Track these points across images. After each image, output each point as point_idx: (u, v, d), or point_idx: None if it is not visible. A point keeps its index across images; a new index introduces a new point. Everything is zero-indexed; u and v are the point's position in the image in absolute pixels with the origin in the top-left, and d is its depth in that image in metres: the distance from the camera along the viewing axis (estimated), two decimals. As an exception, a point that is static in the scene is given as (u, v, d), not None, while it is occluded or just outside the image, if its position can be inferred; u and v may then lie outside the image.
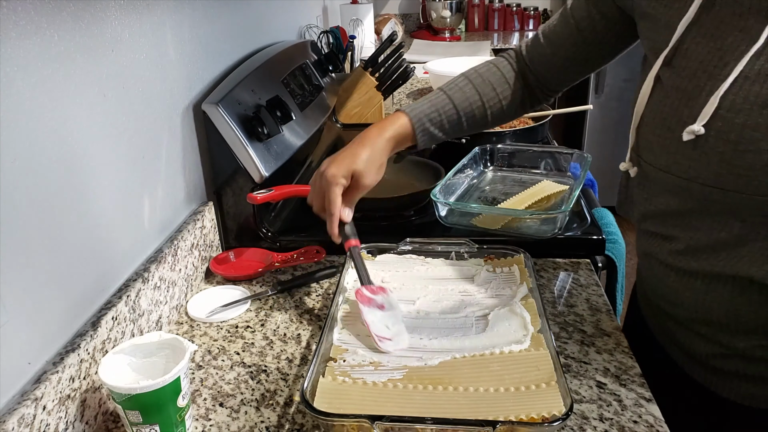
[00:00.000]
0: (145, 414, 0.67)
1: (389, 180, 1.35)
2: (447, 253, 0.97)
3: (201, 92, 1.10)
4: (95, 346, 0.74)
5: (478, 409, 0.66)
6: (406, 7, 4.03)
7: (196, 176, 1.09)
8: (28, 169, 0.66)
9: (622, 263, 1.09)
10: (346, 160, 0.86)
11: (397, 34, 2.97)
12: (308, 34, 1.95)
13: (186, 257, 0.99)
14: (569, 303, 0.94)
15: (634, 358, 0.81)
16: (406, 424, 0.63)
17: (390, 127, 0.90)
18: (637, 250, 0.87)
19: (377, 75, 1.79)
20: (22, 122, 0.65)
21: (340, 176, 0.85)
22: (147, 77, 0.92)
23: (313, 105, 1.38)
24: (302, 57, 1.45)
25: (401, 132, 0.91)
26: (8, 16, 0.63)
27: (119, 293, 0.83)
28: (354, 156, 0.86)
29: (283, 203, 1.22)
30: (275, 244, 1.11)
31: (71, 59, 0.74)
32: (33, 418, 0.63)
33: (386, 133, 0.90)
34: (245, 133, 1.05)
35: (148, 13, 0.92)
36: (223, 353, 0.87)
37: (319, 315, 0.95)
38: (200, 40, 1.10)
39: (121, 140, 0.85)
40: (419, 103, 0.93)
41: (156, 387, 0.66)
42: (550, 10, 3.93)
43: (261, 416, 0.75)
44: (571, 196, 1.09)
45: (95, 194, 0.79)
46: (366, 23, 2.53)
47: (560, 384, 0.67)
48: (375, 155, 0.88)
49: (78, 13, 0.75)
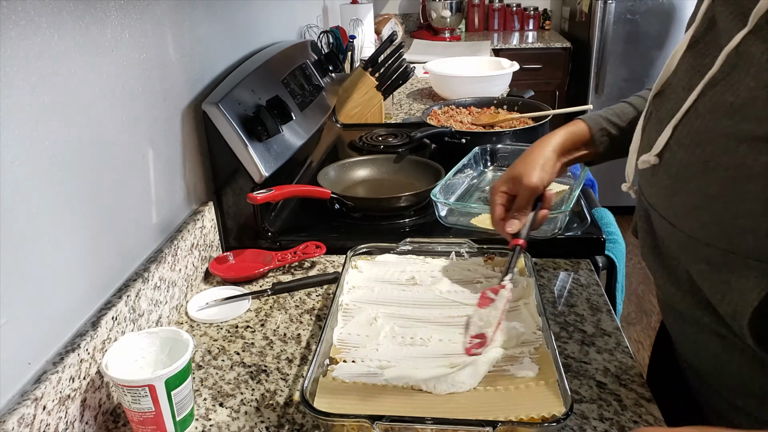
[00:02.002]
0: None
1: (389, 180, 1.35)
2: (447, 253, 0.97)
3: (201, 92, 1.10)
4: (95, 346, 0.74)
5: (478, 409, 0.66)
6: (406, 7, 4.03)
7: (196, 176, 1.09)
8: (28, 169, 0.66)
9: (622, 263, 1.09)
10: (509, 169, 0.87)
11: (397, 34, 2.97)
12: (308, 34, 1.95)
13: (186, 257, 0.99)
14: (569, 303, 0.94)
15: (634, 358, 0.81)
16: (406, 424, 0.63)
17: (562, 130, 0.88)
18: None
19: (377, 75, 1.79)
20: (22, 122, 0.65)
21: (500, 184, 0.86)
22: (147, 77, 0.92)
23: (313, 105, 1.38)
24: (302, 57, 1.45)
25: (575, 131, 0.87)
26: (8, 16, 0.63)
27: (119, 293, 0.83)
28: (515, 163, 0.87)
29: (283, 203, 1.22)
30: (275, 244, 1.11)
31: (71, 59, 0.74)
32: (33, 418, 0.63)
33: (555, 135, 0.88)
34: (245, 133, 1.05)
35: (148, 13, 0.92)
36: (223, 353, 0.87)
37: (319, 315, 0.95)
38: (200, 40, 1.10)
39: (121, 140, 0.85)
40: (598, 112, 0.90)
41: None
42: (550, 10, 3.93)
43: (261, 416, 0.75)
44: (571, 196, 1.09)
45: (95, 194, 0.79)
46: (366, 23, 2.53)
47: (560, 384, 0.67)
48: (535, 154, 0.85)
49: (78, 13, 0.75)
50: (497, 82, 2.09)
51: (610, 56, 3.17)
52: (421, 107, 2.09)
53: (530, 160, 0.85)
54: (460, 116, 1.68)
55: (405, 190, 1.20)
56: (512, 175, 0.85)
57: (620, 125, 0.87)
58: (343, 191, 1.24)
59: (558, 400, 0.65)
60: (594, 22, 3.15)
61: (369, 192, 1.31)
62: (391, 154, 1.39)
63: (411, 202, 1.17)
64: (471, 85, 2.04)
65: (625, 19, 3.12)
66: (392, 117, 1.97)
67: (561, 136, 0.87)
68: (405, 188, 1.24)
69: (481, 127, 1.58)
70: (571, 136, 0.87)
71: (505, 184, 0.86)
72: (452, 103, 1.77)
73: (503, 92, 2.12)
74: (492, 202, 0.86)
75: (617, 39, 3.15)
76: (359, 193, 1.29)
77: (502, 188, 0.86)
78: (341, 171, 1.34)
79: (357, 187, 1.32)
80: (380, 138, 1.60)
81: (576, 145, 0.88)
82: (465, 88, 2.02)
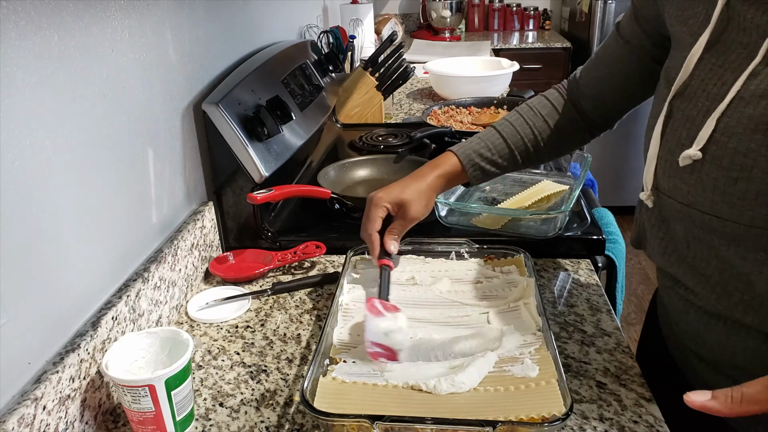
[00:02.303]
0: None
1: (389, 180, 1.35)
2: (447, 253, 0.97)
3: (201, 92, 1.10)
4: (95, 346, 0.74)
5: (478, 409, 0.66)
6: (406, 7, 4.04)
7: (196, 176, 1.09)
8: (28, 169, 0.66)
9: (622, 263, 1.09)
10: (395, 189, 0.88)
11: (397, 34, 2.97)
12: (308, 34, 1.95)
13: (186, 257, 0.99)
14: (569, 303, 0.94)
15: (634, 358, 0.81)
16: (406, 424, 0.63)
17: (442, 165, 0.91)
18: (657, 280, 0.84)
19: (377, 75, 1.79)
20: (22, 122, 0.65)
21: (385, 200, 0.87)
22: (147, 77, 0.92)
23: (313, 105, 1.38)
24: (302, 57, 1.45)
25: (451, 170, 0.90)
26: (8, 16, 0.63)
27: (119, 293, 0.83)
28: (403, 186, 0.88)
29: (283, 203, 1.22)
30: (275, 244, 1.11)
31: (71, 59, 0.74)
32: (33, 418, 0.63)
33: (438, 171, 0.90)
34: (245, 133, 1.05)
35: (148, 13, 0.92)
36: (223, 353, 0.87)
37: (319, 315, 0.95)
38: (200, 40, 1.10)
39: (122, 140, 0.85)
40: (469, 141, 0.92)
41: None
42: (550, 10, 3.93)
43: (261, 416, 0.75)
44: (571, 196, 1.09)
45: (95, 194, 0.79)
46: (366, 23, 2.53)
47: (560, 384, 0.67)
48: (423, 189, 0.88)
49: (78, 13, 0.75)
50: (497, 82, 2.10)
51: (610, 56, 3.17)
52: (421, 107, 2.09)
53: (420, 193, 0.88)
54: (460, 116, 1.68)
55: (405, 190, 1.19)
56: (400, 199, 0.87)
57: (494, 159, 0.91)
58: (343, 191, 1.24)
59: (558, 400, 0.65)
60: (594, 22, 3.15)
61: (369, 192, 1.30)
62: (391, 154, 1.39)
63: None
64: (471, 85, 2.04)
65: (625, 19, 3.12)
66: (392, 117, 1.97)
67: (442, 170, 0.90)
68: (405, 188, 1.24)
69: (481, 127, 1.58)
70: (449, 173, 0.91)
71: (391, 203, 0.88)
72: (452, 103, 1.77)
73: (503, 92, 2.12)
74: (373, 214, 0.88)
75: (617, 39, 3.14)
76: (359, 193, 1.29)
77: (387, 205, 0.88)
78: (341, 171, 1.34)
79: (357, 187, 1.32)
80: (380, 138, 1.60)
81: (454, 179, 0.92)
82: (465, 88, 2.02)
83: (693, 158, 0.62)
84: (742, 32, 0.61)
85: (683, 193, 0.65)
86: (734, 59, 0.62)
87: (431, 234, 1.11)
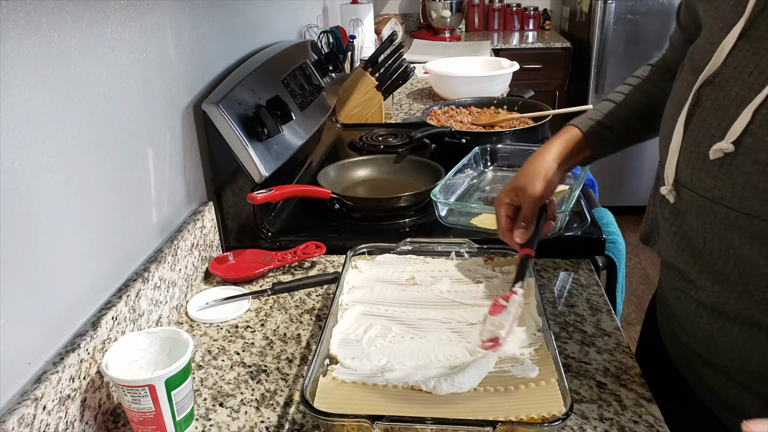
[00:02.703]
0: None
1: (389, 180, 1.35)
2: (447, 253, 0.97)
3: (201, 92, 1.10)
4: (95, 346, 0.74)
5: (478, 409, 0.66)
6: (406, 7, 4.04)
7: (196, 176, 1.09)
8: (27, 170, 0.66)
9: (622, 263, 1.09)
10: (512, 180, 0.87)
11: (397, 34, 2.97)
12: (308, 34, 1.95)
13: (186, 257, 0.99)
14: (569, 303, 0.94)
15: (634, 358, 0.81)
16: (406, 424, 0.63)
17: (559, 138, 0.89)
18: (662, 282, 0.83)
19: (377, 75, 1.79)
20: (22, 122, 0.65)
21: (503, 196, 0.87)
22: (147, 77, 0.92)
23: (313, 105, 1.38)
24: (302, 57, 1.45)
25: (570, 138, 0.88)
26: (8, 15, 0.63)
27: (119, 293, 0.83)
28: (518, 173, 0.87)
29: (283, 203, 1.22)
30: (275, 244, 1.11)
31: (71, 59, 0.74)
32: (33, 418, 0.63)
33: (553, 144, 0.88)
34: (245, 133, 1.05)
35: (148, 13, 0.92)
36: (223, 353, 0.87)
37: (319, 315, 0.95)
38: (200, 40, 1.10)
39: (122, 140, 0.85)
40: (585, 113, 0.90)
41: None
42: (550, 10, 3.93)
43: (261, 416, 0.75)
44: (571, 196, 1.09)
45: (95, 193, 0.79)
46: (366, 23, 2.53)
47: (560, 384, 0.67)
48: (537, 165, 0.86)
49: (78, 13, 0.75)
50: (497, 82, 2.10)
51: (610, 56, 3.17)
52: (421, 107, 2.09)
53: (532, 171, 0.86)
54: (460, 116, 1.68)
55: (405, 190, 1.20)
56: (516, 186, 0.85)
57: (608, 124, 0.89)
58: (343, 191, 1.24)
59: (558, 400, 0.65)
60: (594, 22, 3.15)
61: (369, 192, 1.31)
62: (391, 154, 1.39)
63: (411, 202, 1.17)
64: (471, 85, 2.04)
65: (625, 19, 3.12)
66: (392, 117, 1.97)
67: (559, 144, 0.88)
68: (405, 188, 1.24)
69: (481, 127, 1.58)
70: (568, 143, 0.88)
71: (509, 195, 0.86)
72: (452, 103, 1.77)
73: (503, 92, 2.11)
74: (498, 214, 0.87)
75: (617, 39, 3.15)
76: (359, 193, 1.29)
77: (506, 200, 0.86)
78: (341, 171, 1.34)
79: (357, 187, 1.32)
80: (380, 138, 1.60)
81: (573, 152, 0.89)
82: (465, 88, 2.02)
83: (725, 151, 0.59)
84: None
85: (708, 188, 0.62)
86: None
87: (431, 234, 1.11)
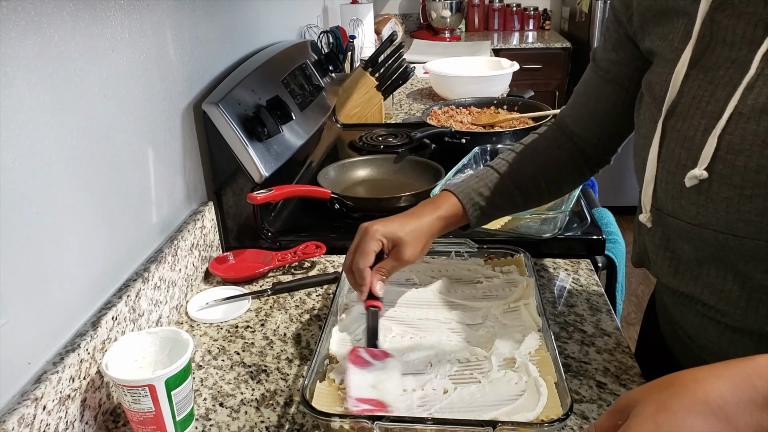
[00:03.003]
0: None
1: (389, 180, 1.35)
2: (447, 253, 0.97)
3: (201, 92, 1.10)
4: (95, 346, 0.74)
5: (478, 409, 0.66)
6: (406, 7, 4.04)
7: (196, 176, 1.09)
8: (27, 170, 0.66)
9: (622, 263, 1.09)
10: (393, 224, 0.81)
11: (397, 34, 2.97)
12: (308, 34, 1.95)
13: (186, 257, 0.99)
14: (569, 303, 0.94)
15: (634, 358, 0.81)
16: (406, 424, 0.63)
17: (442, 206, 0.84)
18: (664, 298, 0.82)
19: (377, 75, 1.79)
20: (22, 122, 0.65)
21: (380, 234, 0.80)
22: (147, 77, 0.92)
23: (313, 105, 1.38)
24: (302, 57, 1.45)
25: (452, 212, 0.84)
26: (8, 16, 0.63)
27: (119, 293, 0.83)
28: (402, 223, 0.81)
29: (283, 203, 1.22)
30: (275, 244, 1.11)
31: (71, 59, 0.74)
32: (33, 418, 0.63)
33: (438, 212, 0.83)
34: (245, 133, 1.05)
35: (148, 13, 0.92)
36: (223, 353, 0.87)
37: (319, 315, 0.95)
38: (200, 40, 1.10)
39: (122, 140, 0.85)
40: (466, 181, 0.87)
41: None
42: (550, 10, 3.93)
43: (261, 416, 0.75)
44: (570, 196, 1.09)
45: (95, 194, 0.79)
46: (366, 23, 2.53)
47: (560, 384, 0.67)
48: (423, 230, 0.81)
49: (78, 13, 0.75)
50: (497, 82, 2.10)
51: (610, 56, 3.17)
52: (421, 107, 2.09)
53: (419, 234, 0.81)
54: (460, 116, 1.68)
55: (405, 190, 1.20)
56: (398, 237, 0.80)
57: (494, 199, 0.85)
58: (343, 191, 1.24)
59: (558, 400, 0.65)
60: (594, 22, 3.16)
61: (369, 192, 1.31)
62: (391, 154, 1.39)
63: (411, 202, 1.17)
64: (471, 85, 2.04)
65: (625, 19, 3.12)
66: (392, 117, 1.97)
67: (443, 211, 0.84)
68: (405, 188, 1.24)
69: (481, 127, 1.58)
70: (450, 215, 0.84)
71: (386, 238, 0.80)
72: (452, 103, 1.77)
73: (503, 92, 2.12)
74: (368, 247, 0.79)
75: (617, 39, 3.15)
76: (359, 193, 1.29)
77: (383, 239, 0.80)
78: (341, 171, 1.34)
79: (357, 187, 1.32)
80: (380, 138, 1.60)
81: (455, 221, 0.85)
82: (465, 88, 2.02)
83: (699, 178, 0.60)
84: (728, 47, 0.60)
85: (692, 214, 0.63)
86: (723, 75, 0.60)
87: (431, 234, 1.11)
